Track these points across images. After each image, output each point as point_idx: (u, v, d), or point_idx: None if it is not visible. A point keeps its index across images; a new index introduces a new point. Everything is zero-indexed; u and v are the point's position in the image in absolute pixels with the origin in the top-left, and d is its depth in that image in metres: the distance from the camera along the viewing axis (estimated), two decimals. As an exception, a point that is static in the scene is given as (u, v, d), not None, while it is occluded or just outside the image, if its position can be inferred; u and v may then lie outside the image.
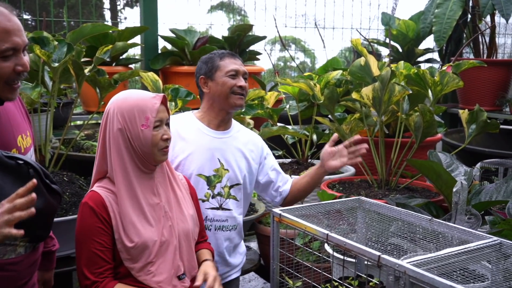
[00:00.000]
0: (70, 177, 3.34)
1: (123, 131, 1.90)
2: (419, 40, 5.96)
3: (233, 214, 2.50)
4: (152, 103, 1.91)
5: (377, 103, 3.11)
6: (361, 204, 2.42)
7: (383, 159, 3.40)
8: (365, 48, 3.34)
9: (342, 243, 1.89)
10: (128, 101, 1.91)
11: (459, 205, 2.51)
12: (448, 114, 5.87)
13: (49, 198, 1.73)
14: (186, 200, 2.08)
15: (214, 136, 2.48)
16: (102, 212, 1.89)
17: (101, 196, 1.90)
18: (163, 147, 1.94)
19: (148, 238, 1.90)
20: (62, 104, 4.08)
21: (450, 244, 2.01)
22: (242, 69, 2.48)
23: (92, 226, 1.88)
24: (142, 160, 1.92)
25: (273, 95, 4.07)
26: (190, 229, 2.04)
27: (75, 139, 3.42)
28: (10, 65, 1.64)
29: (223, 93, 2.43)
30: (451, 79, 3.08)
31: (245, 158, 2.53)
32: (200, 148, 2.42)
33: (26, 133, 1.92)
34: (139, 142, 1.90)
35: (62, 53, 2.98)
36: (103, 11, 11.33)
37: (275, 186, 2.64)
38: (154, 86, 3.18)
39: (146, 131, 1.89)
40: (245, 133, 2.61)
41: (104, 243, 1.88)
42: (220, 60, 2.46)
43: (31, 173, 1.67)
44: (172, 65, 4.90)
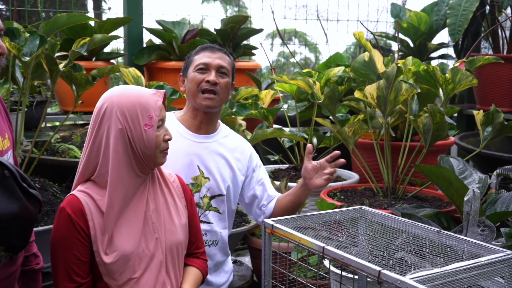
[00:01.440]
0: (43, 183, 3.34)
1: (124, 131, 1.85)
2: (432, 33, 5.98)
3: (214, 228, 2.46)
4: (155, 100, 1.89)
5: (382, 102, 3.12)
6: (363, 214, 2.42)
7: (389, 165, 3.40)
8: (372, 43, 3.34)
9: (340, 257, 1.89)
10: (128, 97, 1.87)
11: (471, 215, 2.51)
12: (464, 115, 5.88)
13: (26, 203, 1.73)
14: (178, 208, 2.05)
15: (193, 140, 2.43)
16: (80, 221, 1.86)
17: (81, 202, 1.88)
18: (165, 149, 1.93)
19: (130, 252, 1.88)
20: (36, 102, 4.09)
21: (459, 258, 2.01)
22: (216, 62, 2.39)
23: (68, 236, 1.86)
24: (140, 164, 1.89)
25: (268, 93, 4.07)
26: (181, 241, 2.01)
27: (48, 141, 3.42)
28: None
29: (191, 90, 2.39)
30: (464, 76, 3.09)
31: (229, 167, 2.48)
32: (176, 153, 2.33)
33: (3, 135, 1.92)
34: (141, 144, 1.86)
35: (35, 46, 2.99)
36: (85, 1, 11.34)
37: (260, 204, 2.57)
38: (136, 83, 3.19)
39: (150, 132, 1.86)
40: (233, 139, 2.55)
41: (80, 256, 1.86)
42: (195, 54, 2.43)
43: (6, 174, 1.68)
44: (158, 60, 4.90)
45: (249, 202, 2.59)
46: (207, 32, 5.21)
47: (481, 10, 5.79)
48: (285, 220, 2.24)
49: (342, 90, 3.32)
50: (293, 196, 2.52)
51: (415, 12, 5.91)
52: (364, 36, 3.36)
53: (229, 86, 2.47)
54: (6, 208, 1.67)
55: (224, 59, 2.43)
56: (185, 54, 4.81)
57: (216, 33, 5.16)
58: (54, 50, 3.11)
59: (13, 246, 1.75)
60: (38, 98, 4.24)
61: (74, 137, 4.21)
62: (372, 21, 6.53)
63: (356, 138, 3.55)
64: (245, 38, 5.36)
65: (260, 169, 2.60)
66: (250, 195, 2.57)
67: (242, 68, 4.91)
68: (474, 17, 5.63)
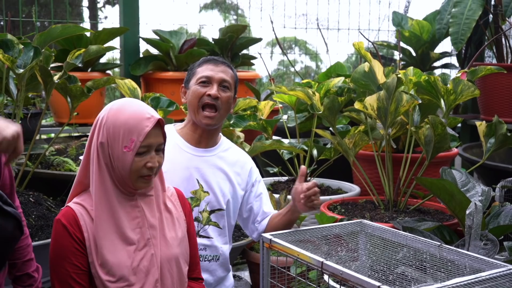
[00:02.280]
0: (37, 197, 3.36)
1: (105, 146, 1.89)
2: (435, 42, 6.02)
3: (214, 243, 2.47)
4: (144, 125, 1.88)
5: (383, 114, 3.14)
6: (363, 228, 2.44)
7: (391, 177, 3.42)
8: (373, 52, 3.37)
9: (339, 272, 1.90)
10: (120, 114, 1.89)
11: (473, 229, 2.52)
12: (468, 125, 5.91)
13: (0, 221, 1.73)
14: (174, 221, 2.06)
15: (193, 153, 2.45)
16: (76, 231, 1.89)
17: (75, 213, 1.91)
18: (145, 175, 1.91)
19: (123, 267, 1.90)
20: (30, 115, 4.12)
21: (460, 273, 2.02)
22: (219, 75, 2.40)
23: (65, 246, 1.89)
24: (121, 182, 1.92)
25: (267, 104, 4.10)
26: (176, 254, 2.02)
27: (43, 154, 3.44)
28: None
29: (192, 104, 2.40)
30: (466, 87, 3.11)
31: (229, 181, 2.49)
32: (176, 166, 2.37)
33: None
34: (118, 163, 1.89)
35: (29, 58, 3.02)
36: (81, 10, 11.41)
37: (255, 219, 2.58)
38: (132, 95, 3.21)
39: (128, 155, 1.87)
40: (234, 153, 2.56)
41: (80, 265, 1.89)
42: (198, 66, 2.44)
43: None
44: (155, 70, 4.94)
45: (246, 217, 2.60)
46: (205, 41, 5.26)
47: (485, 19, 5.83)
48: (283, 234, 2.26)
49: (342, 101, 3.34)
50: (284, 216, 2.51)
51: (417, 21, 5.95)
52: (364, 46, 3.38)
53: (231, 101, 2.47)
54: None
55: (227, 73, 2.43)
56: (183, 65, 4.91)
57: (214, 42, 5.21)
58: (49, 62, 3.14)
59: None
60: (32, 110, 4.27)
61: (69, 150, 4.24)
62: (374, 30, 6.58)
63: (357, 150, 3.57)
64: (243, 48, 5.41)
65: (259, 184, 2.61)
66: (247, 209, 2.58)
67: (241, 79, 4.90)
68: (477, 26, 5.67)
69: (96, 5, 11.76)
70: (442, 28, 5.78)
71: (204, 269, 2.45)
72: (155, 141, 1.91)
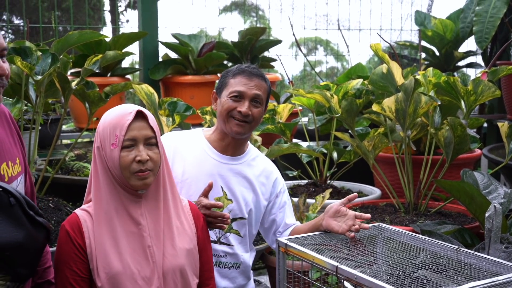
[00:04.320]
0: (57, 203, 3.42)
1: (100, 149, 1.95)
2: (459, 42, 5.99)
3: (235, 250, 2.49)
4: (125, 119, 1.91)
5: (401, 116, 3.15)
6: (380, 231, 2.45)
7: (411, 180, 3.42)
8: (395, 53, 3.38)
9: (353, 277, 1.92)
10: (107, 117, 1.96)
11: (492, 232, 2.52)
12: (494, 126, 5.85)
13: (32, 231, 1.78)
14: (183, 232, 2.07)
15: (220, 160, 2.46)
16: (78, 238, 1.93)
17: (79, 219, 1.95)
18: (137, 171, 1.92)
19: (121, 274, 1.92)
20: (50, 120, 4.20)
21: (477, 277, 2.02)
22: (252, 92, 2.38)
23: (67, 252, 1.93)
24: (122, 185, 1.95)
25: (286, 107, 4.12)
26: (182, 265, 2.02)
27: (62, 159, 3.51)
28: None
29: (222, 115, 2.41)
30: (487, 87, 3.10)
31: (253, 191, 2.50)
32: (201, 173, 2.40)
33: (14, 160, 1.97)
34: (110, 163, 1.93)
35: (47, 65, 3.09)
36: (103, 14, 11.56)
37: (277, 230, 2.58)
38: (149, 100, 3.27)
39: (115, 151, 1.91)
40: (260, 163, 2.56)
41: (78, 272, 1.92)
42: (232, 77, 2.42)
43: (12, 202, 1.73)
44: (175, 74, 4.99)
45: (268, 227, 2.61)
46: (224, 44, 5.30)
47: (510, 17, 5.78)
48: (299, 238, 2.28)
49: (360, 103, 3.35)
50: (308, 229, 2.48)
51: (441, 20, 5.92)
52: (382, 47, 3.39)
53: (262, 114, 2.47)
54: (10, 236, 1.70)
55: (261, 87, 2.41)
56: (202, 68, 4.96)
57: (233, 45, 5.25)
58: (66, 68, 3.21)
59: (18, 275, 1.78)
60: (52, 115, 4.36)
61: (89, 155, 4.31)
62: (396, 29, 6.56)
63: (377, 153, 3.58)
64: (263, 50, 5.44)
65: (284, 195, 2.61)
66: (270, 220, 2.59)
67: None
68: (502, 24, 5.62)
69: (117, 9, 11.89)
70: (466, 26, 5.75)
71: (224, 276, 2.48)
72: (140, 134, 1.92)
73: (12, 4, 9.34)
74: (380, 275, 2.29)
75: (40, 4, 4.95)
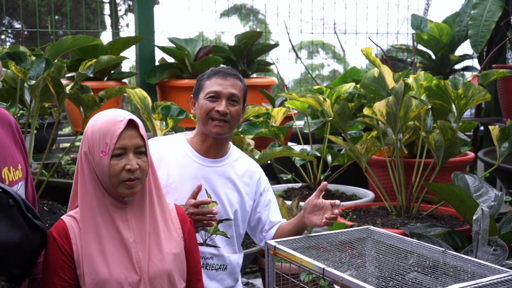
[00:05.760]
0: (51, 206, 3.45)
1: (87, 154, 1.94)
2: (455, 45, 6.01)
3: (221, 252, 2.51)
4: (116, 127, 1.92)
5: (392, 119, 3.17)
6: (370, 234, 2.47)
7: (403, 183, 3.45)
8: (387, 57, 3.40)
9: (339, 279, 1.95)
10: (96, 122, 1.96)
11: (480, 234, 2.54)
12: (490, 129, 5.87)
13: (28, 233, 1.83)
14: (171, 236, 2.09)
15: (202, 163, 2.49)
16: (65, 244, 1.94)
17: (66, 226, 1.96)
18: (126, 179, 1.93)
19: (108, 280, 1.93)
20: (47, 124, 4.23)
21: (461, 279, 2.04)
22: (227, 90, 2.43)
23: (54, 258, 1.94)
24: (109, 191, 1.96)
25: (280, 111, 4.15)
26: (169, 270, 2.04)
27: (57, 163, 3.54)
28: None
29: (201, 117, 2.44)
30: (477, 91, 3.13)
31: (237, 191, 2.53)
32: (185, 176, 2.42)
33: (16, 166, 2.02)
34: (98, 169, 1.93)
35: (41, 69, 3.12)
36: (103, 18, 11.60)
37: (263, 229, 2.62)
38: (143, 104, 3.29)
39: (104, 159, 1.91)
40: (243, 163, 2.60)
41: (66, 278, 1.94)
42: (207, 79, 2.47)
43: (11, 203, 1.78)
44: (171, 78, 5.03)
45: (254, 225, 2.64)
46: (220, 48, 5.33)
47: (506, 20, 5.81)
48: (288, 241, 2.30)
49: (353, 107, 3.38)
50: (292, 226, 2.54)
51: (436, 23, 5.94)
52: (376, 51, 3.42)
53: (240, 113, 2.51)
54: (6, 236, 1.76)
55: (236, 86, 2.47)
56: (198, 72, 4.98)
57: (229, 49, 5.28)
58: (61, 73, 3.24)
59: (13, 276, 1.83)
60: (49, 119, 4.39)
61: (85, 159, 4.33)
62: (392, 33, 6.59)
63: (369, 156, 3.60)
64: (259, 54, 5.47)
65: (268, 193, 2.65)
66: (256, 218, 2.62)
67: (256, 85, 5.01)
68: (498, 27, 5.64)
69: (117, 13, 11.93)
70: (461, 30, 5.78)
71: (212, 278, 2.50)
72: (130, 143, 1.94)
73: (12, 8, 9.39)
74: (367, 277, 2.31)
75: (37, 8, 4.99)
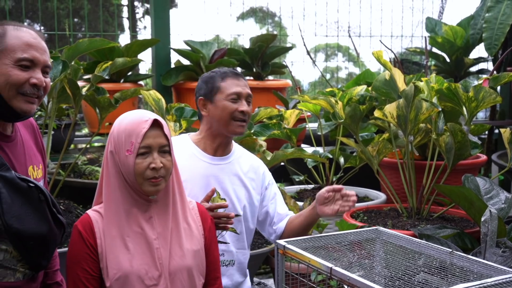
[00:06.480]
0: (68, 205, 3.52)
1: (113, 154, 2.01)
2: (469, 48, 6.00)
3: (230, 248, 2.56)
4: (141, 127, 1.97)
5: (403, 121, 3.19)
6: (378, 235, 2.49)
7: (413, 185, 3.46)
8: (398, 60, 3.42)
9: (346, 278, 1.97)
10: (122, 122, 2.01)
11: (488, 236, 2.55)
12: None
13: (53, 226, 1.97)
14: (192, 233, 2.13)
15: (210, 162, 2.55)
16: (89, 238, 2.00)
17: (91, 220, 2.03)
18: (151, 177, 1.98)
19: (129, 274, 1.98)
20: (64, 125, 4.30)
21: (466, 279, 2.06)
22: (246, 91, 2.52)
23: (78, 251, 2.00)
24: (134, 189, 2.02)
25: (293, 113, 4.18)
26: (190, 266, 2.08)
27: (73, 163, 3.60)
28: (25, 75, 1.92)
29: (223, 118, 2.50)
30: (488, 94, 3.13)
31: (244, 187, 2.59)
32: (194, 176, 2.48)
33: (38, 165, 2.14)
34: (124, 168, 1.99)
35: (58, 71, 3.18)
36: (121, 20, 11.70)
37: (272, 222, 2.68)
38: (157, 106, 3.34)
39: (130, 157, 1.97)
40: (247, 159, 2.67)
41: (90, 271, 1.99)
42: (221, 81, 2.52)
43: (41, 198, 1.94)
44: (186, 80, 5.08)
45: (262, 219, 2.70)
46: (235, 51, 5.38)
47: (521, 23, 5.78)
48: (297, 241, 2.33)
49: (364, 109, 3.40)
50: (304, 218, 2.61)
51: (451, 27, 5.94)
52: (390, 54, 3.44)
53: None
54: (36, 228, 1.91)
55: (248, 86, 2.57)
56: (213, 74, 5.02)
57: (244, 52, 5.32)
58: (77, 75, 3.30)
59: (37, 265, 1.99)
60: (66, 120, 4.46)
61: (101, 159, 4.40)
62: (407, 36, 6.59)
63: (381, 158, 3.61)
64: (274, 57, 5.50)
65: (272, 186, 2.72)
66: (263, 212, 2.69)
67: (270, 87, 5.05)
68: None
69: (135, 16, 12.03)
70: (476, 33, 5.77)
71: (223, 274, 2.54)
72: (155, 142, 1.99)
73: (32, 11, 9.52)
74: (374, 277, 2.33)
75: (55, 11, 5.07)
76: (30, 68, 1.93)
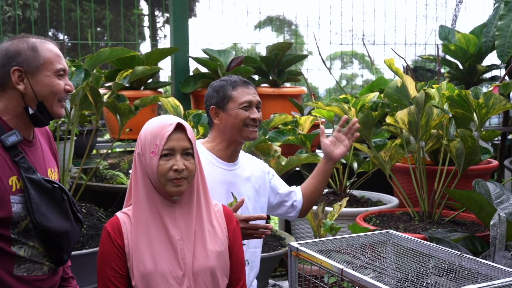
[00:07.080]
0: (89, 208, 3.58)
1: (140, 156, 2.08)
2: (482, 56, 5.99)
3: (244, 248, 2.62)
4: (165, 130, 2.05)
5: (414, 127, 3.21)
6: (389, 238, 2.52)
7: (425, 189, 3.48)
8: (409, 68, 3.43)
9: (356, 279, 2.00)
10: (149, 126, 2.10)
11: (497, 240, 2.56)
12: (519, 138, 5.85)
13: (74, 224, 2.17)
14: (216, 235, 2.16)
15: (226, 168, 2.60)
16: (117, 238, 2.06)
17: (119, 221, 2.09)
18: (173, 178, 2.03)
19: (154, 273, 2.03)
20: (86, 131, 4.37)
21: (473, 281, 2.08)
22: (256, 99, 2.59)
23: (107, 251, 2.07)
24: (159, 190, 2.07)
25: (308, 119, 4.21)
26: (213, 267, 2.11)
27: (94, 168, 3.66)
28: (62, 83, 2.12)
29: (236, 125, 2.55)
30: (498, 101, 3.15)
31: (253, 188, 2.66)
32: (215, 183, 2.50)
33: (54, 168, 2.28)
34: (149, 169, 2.06)
35: (80, 79, 3.25)
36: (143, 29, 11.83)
37: (289, 202, 2.80)
38: (175, 112, 3.40)
39: (154, 159, 2.03)
40: (249, 161, 2.74)
41: (118, 270, 2.05)
42: (232, 89, 2.57)
43: (64, 198, 2.13)
44: (204, 88, 5.13)
45: (278, 205, 2.82)
46: (252, 59, 5.42)
47: (534, 31, 5.76)
48: (310, 243, 2.37)
49: (376, 115, 3.43)
50: (321, 175, 2.78)
51: (463, 34, 5.94)
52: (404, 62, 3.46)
53: None
54: (62, 225, 2.10)
55: (257, 94, 2.64)
56: (231, 82, 5.07)
57: (260, 60, 5.37)
58: (99, 83, 3.36)
59: (60, 259, 2.16)
60: (88, 127, 4.53)
61: (122, 164, 4.47)
62: (420, 44, 6.59)
63: (393, 163, 3.64)
64: (289, 65, 5.54)
65: (275, 177, 2.83)
66: (277, 201, 2.80)
67: (285, 94, 5.09)
68: (525, 38, 5.60)
69: (155, 25, 12.15)
70: (488, 41, 5.76)
71: None
72: (178, 145, 2.05)
73: (57, 21, 9.66)
74: (384, 278, 2.36)
75: (78, 21, 5.16)
76: (63, 76, 2.12)
